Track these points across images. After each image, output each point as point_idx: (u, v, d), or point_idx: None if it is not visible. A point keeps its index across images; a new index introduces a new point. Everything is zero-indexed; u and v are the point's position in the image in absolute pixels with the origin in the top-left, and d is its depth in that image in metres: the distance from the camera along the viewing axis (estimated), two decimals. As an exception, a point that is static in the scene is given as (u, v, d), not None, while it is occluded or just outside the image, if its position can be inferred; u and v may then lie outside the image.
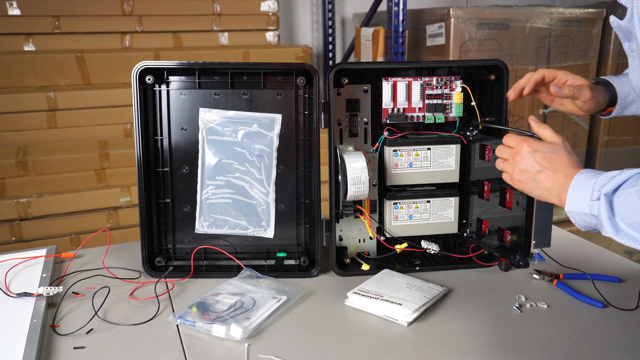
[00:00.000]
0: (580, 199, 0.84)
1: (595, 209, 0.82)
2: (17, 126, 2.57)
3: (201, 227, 1.29)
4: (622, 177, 0.80)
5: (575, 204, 0.85)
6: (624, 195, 0.79)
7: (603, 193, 0.81)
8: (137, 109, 1.21)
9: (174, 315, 1.05)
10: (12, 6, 2.67)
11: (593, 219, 0.83)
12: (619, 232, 0.80)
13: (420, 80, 1.29)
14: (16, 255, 1.32)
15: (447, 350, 0.97)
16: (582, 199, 0.84)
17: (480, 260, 1.29)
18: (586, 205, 0.83)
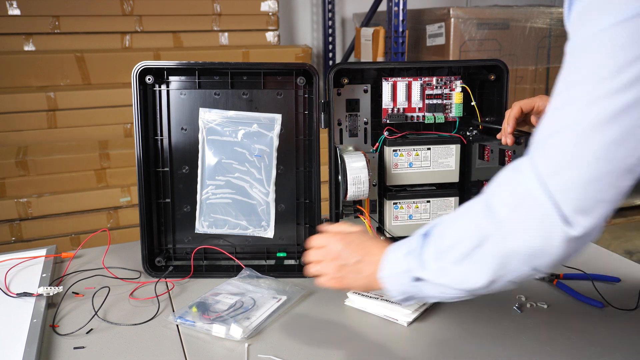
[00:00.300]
0: (393, 260, 0.81)
1: (409, 260, 0.78)
2: (17, 126, 2.57)
3: (201, 227, 1.29)
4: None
5: (389, 265, 0.82)
6: (438, 226, 0.78)
7: (418, 233, 0.79)
8: (137, 109, 1.21)
9: (174, 315, 1.05)
10: (12, 6, 2.67)
11: (406, 274, 0.79)
12: (426, 268, 0.77)
13: (420, 80, 1.29)
14: (16, 255, 1.32)
15: (447, 350, 0.97)
16: (395, 258, 0.81)
17: (480, 260, 1.29)
18: (401, 259, 0.80)
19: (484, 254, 0.70)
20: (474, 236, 0.71)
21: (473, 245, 0.71)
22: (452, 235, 0.74)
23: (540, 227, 0.65)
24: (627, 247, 3.56)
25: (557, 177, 0.64)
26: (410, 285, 0.79)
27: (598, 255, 1.35)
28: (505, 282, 0.73)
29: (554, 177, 0.64)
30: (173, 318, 1.04)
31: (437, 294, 0.78)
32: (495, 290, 0.74)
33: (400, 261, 0.80)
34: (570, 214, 0.63)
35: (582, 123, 0.62)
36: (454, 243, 0.73)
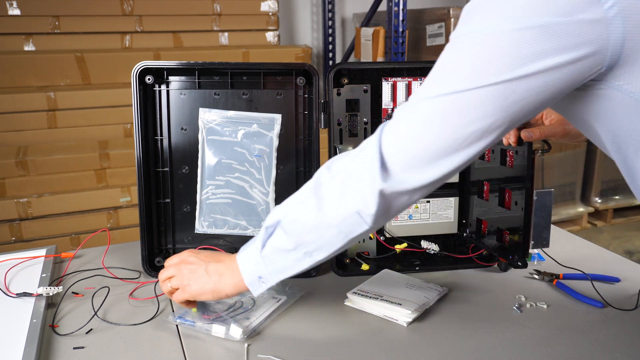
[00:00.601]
0: (249, 256, 0.93)
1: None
2: (17, 126, 2.57)
3: (201, 227, 1.29)
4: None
5: (246, 262, 0.93)
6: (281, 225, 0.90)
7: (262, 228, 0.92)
8: (137, 109, 1.21)
9: (174, 315, 1.05)
10: (12, 6, 2.67)
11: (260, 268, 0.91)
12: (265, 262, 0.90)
13: (420, 80, 1.29)
14: (16, 255, 1.32)
15: (446, 350, 0.97)
16: (250, 254, 0.93)
17: (480, 260, 1.29)
18: (257, 256, 0.91)
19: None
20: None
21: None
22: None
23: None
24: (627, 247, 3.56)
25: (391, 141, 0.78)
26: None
27: (598, 255, 1.35)
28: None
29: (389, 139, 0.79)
30: (173, 318, 1.04)
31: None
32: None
33: (255, 258, 0.92)
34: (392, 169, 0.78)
35: (418, 103, 0.75)
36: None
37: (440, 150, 0.75)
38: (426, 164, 0.76)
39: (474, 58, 0.68)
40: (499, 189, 1.21)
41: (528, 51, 0.65)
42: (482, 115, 0.70)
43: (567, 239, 1.46)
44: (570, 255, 1.31)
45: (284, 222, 0.89)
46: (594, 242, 1.43)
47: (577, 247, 1.41)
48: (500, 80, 0.67)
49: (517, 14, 0.65)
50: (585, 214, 3.81)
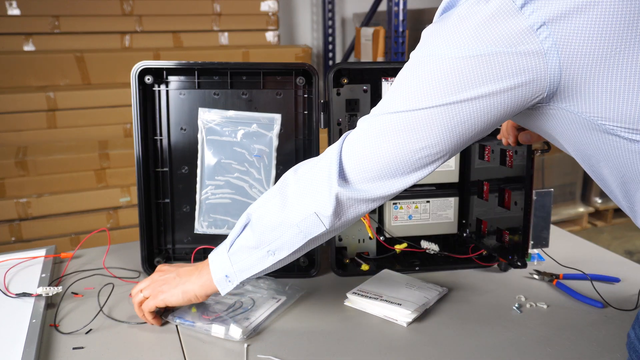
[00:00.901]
0: (218, 257, 0.96)
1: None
2: (17, 126, 2.57)
3: (200, 227, 1.29)
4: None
5: (217, 262, 0.96)
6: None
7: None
8: (137, 109, 1.21)
9: (173, 316, 1.05)
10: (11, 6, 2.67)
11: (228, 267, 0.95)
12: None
13: (420, 80, 1.28)
14: (15, 256, 1.32)
15: (446, 350, 0.97)
16: (219, 254, 0.96)
17: (480, 260, 1.29)
18: (225, 256, 0.95)
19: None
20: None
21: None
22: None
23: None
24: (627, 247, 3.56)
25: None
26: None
27: (598, 256, 1.35)
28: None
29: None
30: (172, 318, 1.04)
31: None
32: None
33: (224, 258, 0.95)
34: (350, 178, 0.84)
35: (377, 119, 0.81)
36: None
37: (392, 168, 0.81)
38: (380, 179, 0.83)
39: (426, 80, 0.75)
40: (498, 189, 1.21)
41: (470, 77, 0.71)
42: (430, 133, 0.77)
43: (567, 239, 1.46)
44: (570, 255, 1.31)
45: (252, 219, 0.92)
46: (594, 242, 1.43)
47: (577, 247, 1.41)
48: (445, 102, 0.74)
49: (464, 43, 0.71)
50: (585, 214, 3.80)
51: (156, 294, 1.00)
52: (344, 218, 0.87)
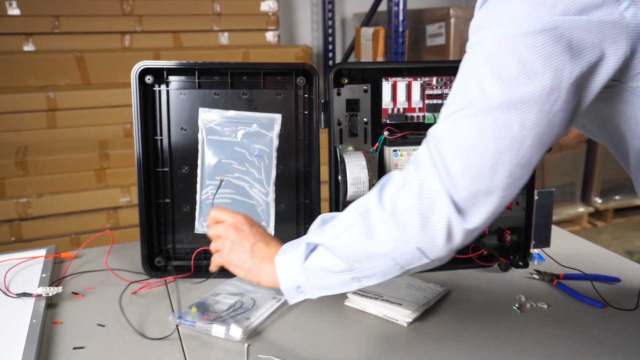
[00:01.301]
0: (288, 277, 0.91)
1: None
2: (17, 126, 2.57)
3: (201, 227, 1.29)
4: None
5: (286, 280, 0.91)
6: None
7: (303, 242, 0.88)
8: (137, 109, 1.21)
9: (174, 316, 1.05)
10: (12, 6, 2.67)
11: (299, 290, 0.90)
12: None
13: (420, 80, 1.29)
14: (16, 256, 1.32)
15: (447, 350, 0.97)
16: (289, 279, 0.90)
17: (480, 260, 1.29)
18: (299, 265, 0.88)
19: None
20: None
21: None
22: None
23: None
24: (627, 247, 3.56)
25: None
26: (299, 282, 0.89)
27: (598, 255, 1.35)
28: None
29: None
30: (173, 318, 1.04)
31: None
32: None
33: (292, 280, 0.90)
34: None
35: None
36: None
37: (497, 161, 0.72)
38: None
39: (504, 67, 0.72)
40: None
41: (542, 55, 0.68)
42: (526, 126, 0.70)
43: (567, 239, 1.46)
44: (570, 255, 1.31)
45: (332, 245, 0.84)
46: (594, 242, 1.43)
47: (578, 247, 1.41)
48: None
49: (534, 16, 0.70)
50: (585, 214, 3.80)
51: (227, 256, 0.97)
52: (454, 248, 0.76)
